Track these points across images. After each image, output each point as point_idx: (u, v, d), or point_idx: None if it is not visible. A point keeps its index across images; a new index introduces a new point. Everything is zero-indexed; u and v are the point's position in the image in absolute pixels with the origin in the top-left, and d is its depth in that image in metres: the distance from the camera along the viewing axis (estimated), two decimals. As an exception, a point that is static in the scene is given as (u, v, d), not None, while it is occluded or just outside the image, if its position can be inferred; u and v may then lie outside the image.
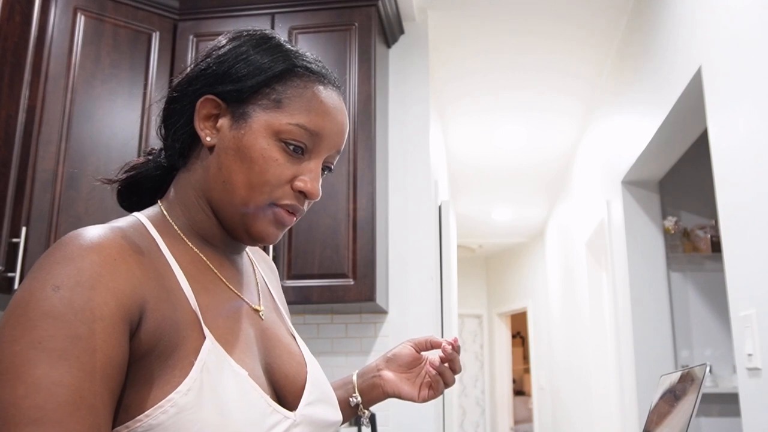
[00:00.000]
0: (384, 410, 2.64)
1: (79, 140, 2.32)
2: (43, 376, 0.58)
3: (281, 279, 2.38)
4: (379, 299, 2.46)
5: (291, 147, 0.77)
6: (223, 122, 0.78)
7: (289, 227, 0.81)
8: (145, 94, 2.47)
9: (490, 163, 5.17)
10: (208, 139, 0.78)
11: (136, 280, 0.66)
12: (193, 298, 0.72)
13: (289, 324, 0.92)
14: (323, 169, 0.82)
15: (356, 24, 2.58)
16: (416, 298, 2.75)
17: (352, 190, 2.43)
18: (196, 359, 0.67)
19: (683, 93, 2.41)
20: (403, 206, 2.85)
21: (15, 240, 2.11)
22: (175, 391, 0.65)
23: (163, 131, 0.82)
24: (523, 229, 7.23)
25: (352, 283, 2.36)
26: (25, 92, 2.20)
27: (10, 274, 2.07)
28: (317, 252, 2.39)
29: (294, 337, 0.89)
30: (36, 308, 0.60)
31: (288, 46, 0.82)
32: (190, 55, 2.59)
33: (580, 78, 3.75)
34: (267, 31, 0.83)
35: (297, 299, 2.36)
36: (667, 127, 2.71)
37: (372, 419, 2.43)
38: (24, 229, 2.13)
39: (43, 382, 0.58)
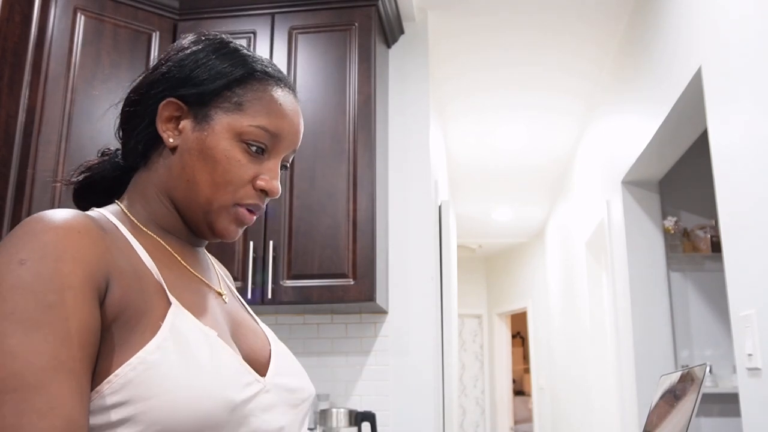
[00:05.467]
0: (384, 410, 2.64)
1: (79, 140, 2.32)
2: (18, 345, 0.59)
3: (281, 279, 2.38)
4: (379, 299, 2.46)
5: (253, 148, 0.80)
6: (186, 124, 0.81)
7: (248, 225, 0.84)
8: (145, 94, 2.47)
9: (490, 163, 5.17)
10: (171, 140, 0.81)
11: (100, 252, 0.68)
12: (157, 271, 0.74)
13: (251, 311, 0.94)
14: (280, 168, 0.86)
15: (356, 24, 2.58)
16: (416, 298, 2.75)
17: (352, 190, 2.43)
18: (163, 322, 0.69)
19: (683, 93, 2.41)
20: (403, 206, 2.85)
21: (15, 240, 2.10)
22: (142, 350, 0.65)
23: (121, 133, 0.85)
24: (523, 229, 7.23)
25: (352, 283, 2.35)
26: (25, 92, 2.20)
27: None
28: (317, 252, 2.39)
29: (256, 321, 0.91)
30: (4, 282, 0.61)
31: (245, 51, 0.85)
32: (190, 55, 2.58)
33: (579, 79, 3.75)
34: (224, 37, 0.86)
35: (297, 299, 2.36)
36: (667, 127, 2.71)
37: (372, 419, 2.42)
38: (24, 229, 2.13)
39: (19, 351, 0.59)
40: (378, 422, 2.57)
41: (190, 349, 0.68)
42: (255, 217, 0.84)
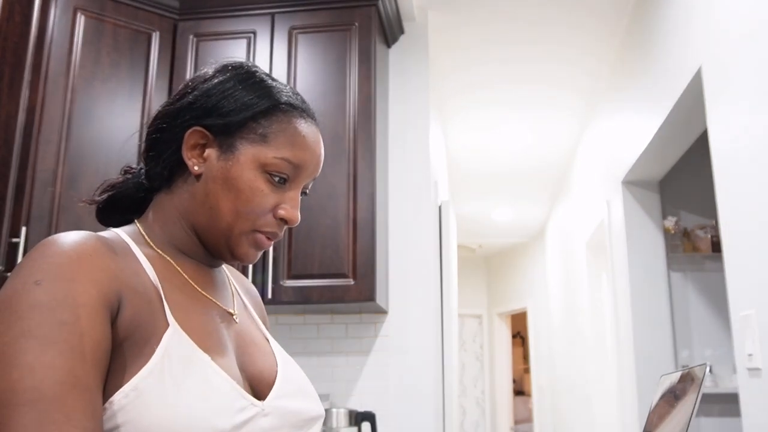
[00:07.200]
0: (384, 410, 2.64)
1: (79, 140, 2.32)
2: (35, 360, 0.61)
3: (282, 279, 2.38)
4: (379, 299, 2.46)
5: (275, 178, 0.83)
6: (210, 152, 0.83)
7: (265, 250, 0.86)
8: (145, 94, 2.47)
9: (491, 163, 5.17)
10: (196, 168, 0.83)
11: (111, 273, 0.70)
12: (162, 292, 0.76)
13: (265, 330, 0.94)
14: (301, 194, 0.87)
15: (356, 24, 2.58)
16: (416, 298, 2.75)
17: (352, 190, 2.43)
18: (158, 346, 0.70)
19: (683, 93, 2.41)
20: (403, 206, 2.85)
21: (15, 240, 2.11)
22: (136, 376, 0.67)
23: (147, 157, 0.87)
24: (523, 229, 7.23)
25: (352, 283, 2.35)
26: (25, 92, 2.20)
27: (9, 274, 2.07)
28: (317, 252, 2.39)
29: (268, 341, 0.91)
30: (21, 302, 0.64)
31: (270, 81, 0.87)
32: (190, 55, 2.59)
33: (580, 78, 3.75)
34: (251, 66, 0.88)
35: (297, 299, 2.36)
36: (667, 127, 2.71)
37: (372, 419, 2.42)
38: (24, 229, 2.13)
39: (36, 365, 0.61)
40: (378, 422, 2.57)
41: (181, 375, 0.69)
42: (272, 243, 0.86)
